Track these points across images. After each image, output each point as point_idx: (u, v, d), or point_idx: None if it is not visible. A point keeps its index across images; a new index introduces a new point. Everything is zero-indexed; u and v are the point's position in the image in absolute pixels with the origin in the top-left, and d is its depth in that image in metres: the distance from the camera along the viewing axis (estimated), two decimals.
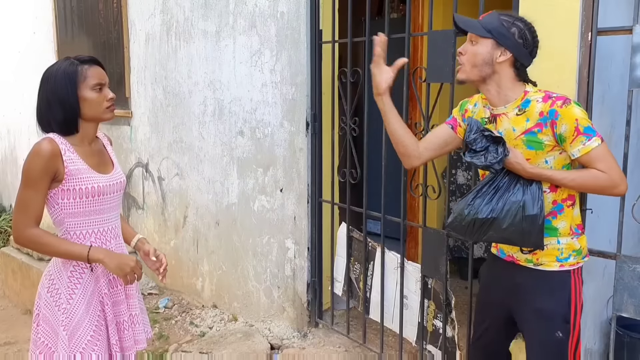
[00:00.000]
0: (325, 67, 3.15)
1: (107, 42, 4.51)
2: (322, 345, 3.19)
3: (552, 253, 1.82)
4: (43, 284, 1.91)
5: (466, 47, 1.79)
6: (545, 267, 1.83)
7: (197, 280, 3.98)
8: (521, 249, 1.85)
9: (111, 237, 1.95)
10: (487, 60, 1.75)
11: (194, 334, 3.52)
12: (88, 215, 1.87)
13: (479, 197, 1.77)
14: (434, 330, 2.73)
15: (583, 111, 1.71)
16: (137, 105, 4.29)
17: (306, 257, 3.29)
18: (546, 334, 1.83)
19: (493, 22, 1.75)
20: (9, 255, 4.36)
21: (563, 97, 1.72)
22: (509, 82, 1.78)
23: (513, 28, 1.74)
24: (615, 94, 2.39)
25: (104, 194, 1.88)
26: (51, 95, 1.81)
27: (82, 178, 1.82)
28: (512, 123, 1.78)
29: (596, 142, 1.68)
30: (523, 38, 1.74)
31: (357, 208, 3.06)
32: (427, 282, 2.72)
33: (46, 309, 1.88)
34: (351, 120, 3.00)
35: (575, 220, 1.84)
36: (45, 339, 1.89)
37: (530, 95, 1.77)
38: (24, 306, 4.11)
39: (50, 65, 1.88)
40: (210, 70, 3.67)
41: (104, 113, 1.87)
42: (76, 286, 1.86)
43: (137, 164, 4.36)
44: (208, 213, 3.82)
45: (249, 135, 3.48)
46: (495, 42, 1.74)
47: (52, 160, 1.76)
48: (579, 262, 1.84)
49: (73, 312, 1.85)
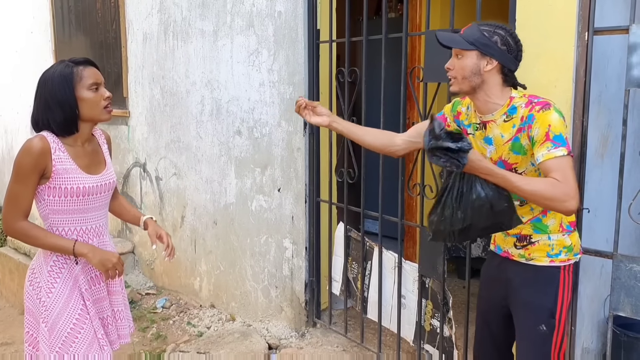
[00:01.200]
0: (323, 66, 3.14)
1: (104, 42, 4.50)
2: (320, 345, 3.19)
3: (543, 249, 1.85)
4: (28, 277, 1.98)
5: (453, 62, 1.84)
6: (536, 262, 1.87)
7: (195, 280, 3.97)
8: (515, 245, 1.89)
9: (94, 235, 1.99)
10: (475, 70, 1.78)
11: (192, 334, 3.52)
12: (72, 214, 1.92)
13: (447, 208, 1.78)
14: (431, 329, 2.73)
15: (560, 119, 1.71)
16: (134, 104, 4.28)
17: (304, 256, 3.29)
18: (531, 326, 1.87)
19: (474, 33, 1.79)
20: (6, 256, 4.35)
21: (544, 102, 1.74)
22: (497, 89, 1.81)
23: (495, 37, 1.77)
24: (612, 93, 2.39)
25: (89, 195, 1.93)
26: (50, 98, 1.85)
27: (69, 178, 1.87)
28: (500, 129, 1.82)
29: (561, 151, 1.67)
30: (506, 44, 1.78)
31: (355, 208, 3.06)
32: (425, 281, 2.72)
33: (29, 301, 1.95)
34: (349, 119, 2.99)
35: (565, 217, 1.85)
36: (30, 330, 1.97)
37: (515, 101, 1.80)
38: (21, 306, 4.08)
39: (46, 70, 1.92)
40: (207, 70, 3.66)
41: (102, 114, 1.92)
42: (55, 280, 1.92)
43: (134, 163, 4.35)
44: (206, 213, 3.82)
45: (246, 134, 3.48)
46: (479, 52, 1.77)
47: (41, 157, 1.81)
48: (570, 259, 1.87)
49: (52, 306, 1.90)
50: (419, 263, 2.76)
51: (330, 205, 3.19)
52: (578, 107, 2.08)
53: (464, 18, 2.73)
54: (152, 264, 4.28)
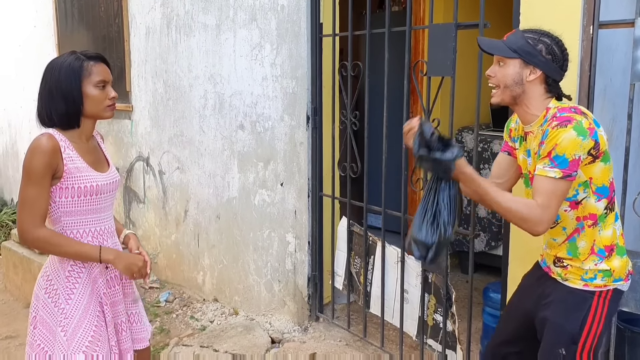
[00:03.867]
0: (326, 60, 3.13)
1: (107, 36, 4.50)
2: (322, 339, 3.20)
3: (577, 272, 1.78)
4: (40, 285, 1.88)
5: (494, 69, 1.77)
6: (570, 284, 1.79)
7: (198, 274, 3.98)
8: (554, 262, 1.82)
9: (107, 236, 1.94)
10: (517, 80, 1.72)
11: (195, 328, 3.53)
12: (85, 214, 1.86)
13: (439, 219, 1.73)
14: (434, 324, 2.73)
15: (574, 139, 1.62)
16: (137, 99, 4.28)
17: (307, 251, 3.29)
18: (550, 346, 1.79)
19: (518, 41, 1.72)
20: (10, 249, 4.37)
21: (566, 118, 1.65)
22: (538, 100, 1.75)
23: (539, 45, 1.70)
24: (617, 87, 2.37)
25: (101, 193, 1.87)
26: (54, 87, 1.80)
27: (81, 176, 1.81)
28: (536, 141, 1.76)
29: (554, 173, 1.63)
30: (552, 53, 1.71)
31: (358, 202, 3.06)
32: (428, 276, 2.71)
33: (44, 311, 1.85)
34: (352, 114, 2.99)
35: (600, 241, 1.76)
36: (42, 343, 1.84)
37: (550, 112, 1.73)
38: (25, 300, 4.12)
39: (55, 57, 1.87)
40: (210, 64, 3.66)
41: (105, 111, 1.87)
42: (75, 286, 1.84)
43: (137, 157, 4.36)
44: (209, 207, 3.82)
45: (249, 129, 3.48)
46: (522, 61, 1.71)
47: (53, 156, 1.74)
48: (608, 285, 1.76)
49: (72, 313, 1.82)
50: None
51: (333, 200, 3.19)
52: (582, 101, 2.06)
53: (468, 11, 2.72)
54: (155, 257, 4.29)
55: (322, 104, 3.17)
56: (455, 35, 2.44)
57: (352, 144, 3.01)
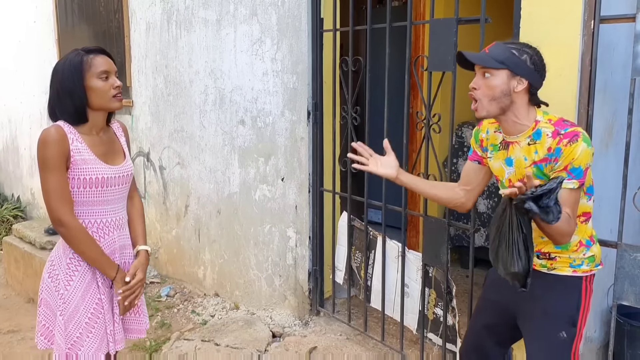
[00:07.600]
0: (327, 55, 3.13)
1: (107, 31, 4.49)
2: (323, 333, 3.21)
3: (565, 261, 1.84)
4: (46, 269, 1.96)
5: (478, 81, 1.76)
6: (558, 272, 1.84)
7: (199, 269, 3.99)
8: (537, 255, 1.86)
9: (114, 228, 1.96)
10: (506, 91, 1.73)
11: (196, 322, 3.54)
12: (91, 205, 1.89)
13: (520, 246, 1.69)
14: (434, 318, 2.74)
15: (586, 150, 1.67)
16: (138, 94, 4.28)
17: (307, 245, 3.29)
18: (550, 333, 1.83)
19: (503, 52, 1.72)
20: (11, 244, 4.37)
21: (572, 133, 1.68)
22: (524, 109, 1.76)
23: (524, 55, 1.72)
24: (618, 82, 2.38)
25: (109, 185, 1.90)
26: (60, 87, 1.85)
27: (87, 168, 1.84)
28: (523, 152, 1.78)
29: (572, 184, 1.68)
30: (534, 63, 1.73)
31: (358, 197, 3.07)
32: (428, 270, 2.73)
33: (47, 293, 1.94)
34: (352, 109, 2.99)
35: (587, 233, 1.85)
36: (45, 322, 1.95)
37: (541, 125, 1.75)
38: (27, 295, 4.13)
39: (60, 59, 1.92)
40: (211, 59, 3.66)
41: (111, 102, 1.89)
42: (74, 273, 1.90)
43: (138, 153, 4.36)
44: (209, 202, 3.83)
45: (250, 124, 3.48)
46: (510, 72, 1.72)
47: (63, 144, 1.79)
48: (592, 270, 1.85)
49: (70, 299, 1.89)
50: (422, 252, 2.76)
51: (334, 195, 3.19)
52: (583, 96, 2.07)
53: (468, 6, 2.72)
54: (156, 252, 4.30)
55: (322, 99, 3.18)
56: (456, 30, 2.44)
57: (353, 138, 3.01)
